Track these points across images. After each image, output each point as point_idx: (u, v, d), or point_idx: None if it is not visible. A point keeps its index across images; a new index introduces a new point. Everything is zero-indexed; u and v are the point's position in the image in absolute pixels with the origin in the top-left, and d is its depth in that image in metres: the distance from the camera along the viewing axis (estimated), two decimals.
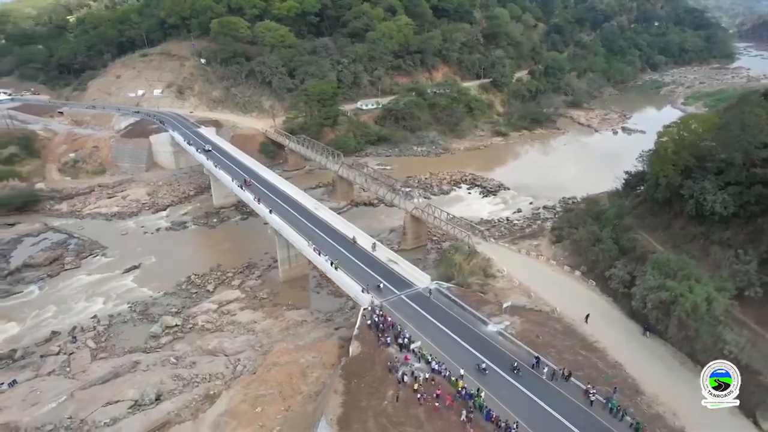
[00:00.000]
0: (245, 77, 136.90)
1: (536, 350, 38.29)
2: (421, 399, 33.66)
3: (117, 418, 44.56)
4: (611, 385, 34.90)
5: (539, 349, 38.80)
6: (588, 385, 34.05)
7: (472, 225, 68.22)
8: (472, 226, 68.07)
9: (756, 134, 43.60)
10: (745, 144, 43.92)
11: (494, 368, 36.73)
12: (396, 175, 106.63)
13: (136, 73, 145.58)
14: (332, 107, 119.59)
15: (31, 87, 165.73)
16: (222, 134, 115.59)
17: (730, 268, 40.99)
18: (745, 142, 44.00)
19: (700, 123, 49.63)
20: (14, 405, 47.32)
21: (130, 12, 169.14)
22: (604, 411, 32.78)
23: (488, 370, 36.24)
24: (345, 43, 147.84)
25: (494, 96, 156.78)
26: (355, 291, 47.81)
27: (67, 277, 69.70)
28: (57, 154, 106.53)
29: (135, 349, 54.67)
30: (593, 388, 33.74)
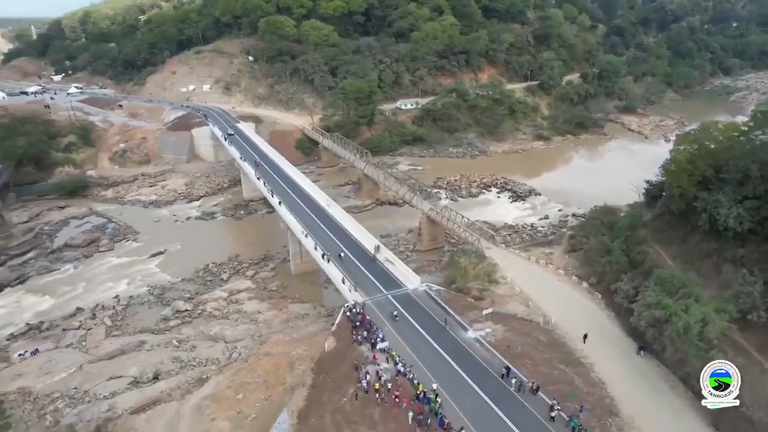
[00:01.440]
0: (289, 75, 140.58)
1: (511, 360, 37.10)
2: (378, 399, 33.61)
3: (115, 392, 47.37)
4: (578, 403, 33.31)
5: (516, 359, 37.61)
6: (553, 400, 32.67)
7: (483, 229, 66.98)
8: (484, 230, 66.84)
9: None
10: (763, 154, 40.47)
11: (461, 374, 35.98)
12: (426, 176, 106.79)
13: (189, 69, 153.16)
14: (368, 106, 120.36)
15: (99, 81, 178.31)
16: (261, 129, 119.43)
17: (734, 289, 37.98)
18: (763, 153, 40.55)
19: (721, 130, 46.10)
20: (32, 372, 51.41)
21: (190, 11, 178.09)
22: (566, 429, 31.39)
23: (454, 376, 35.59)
24: (389, 43, 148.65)
25: (540, 99, 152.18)
26: (342, 286, 48.33)
27: (99, 259, 74.68)
28: (110, 144, 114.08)
29: (145, 329, 57.78)
30: (558, 405, 32.37)
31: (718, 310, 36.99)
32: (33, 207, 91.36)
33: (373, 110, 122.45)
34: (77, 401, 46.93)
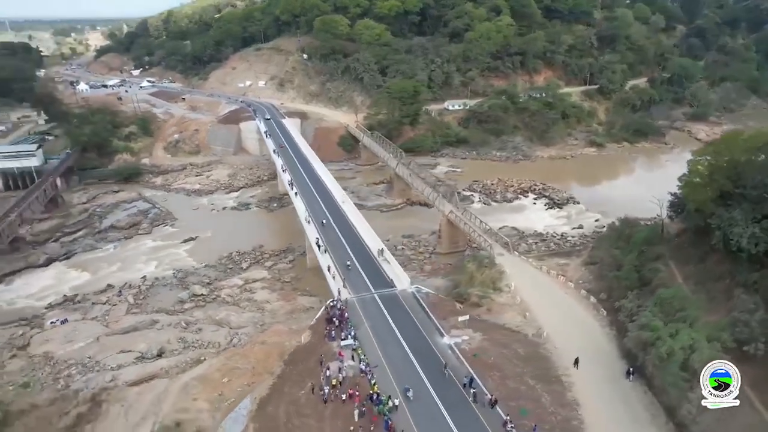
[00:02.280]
0: (341, 73, 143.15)
1: (479, 371, 36.05)
2: (332, 395, 33.88)
3: (122, 365, 50.88)
4: (533, 420, 31.77)
5: (485, 370, 36.53)
6: (507, 416, 31.44)
7: (499, 235, 65.10)
8: (499, 236, 64.92)
9: None
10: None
11: (423, 379, 35.40)
12: (464, 179, 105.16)
13: (248, 65, 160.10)
14: (412, 105, 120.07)
15: (170, 76, 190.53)
16: (306, 126, 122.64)
17: (731, 316, 34.66)
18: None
19: (745, 140, 41.91)
20: (57, 339, 56.25)
21: (255, 10, 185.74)
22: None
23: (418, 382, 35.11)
24: (442, 43, 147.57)
25: (599, 103, 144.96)
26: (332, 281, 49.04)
27: (137, 241, 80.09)
28: (166, 134, 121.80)
29: (162, 309, 61.32)
30: (512, 421, 31.10)
31: (711, 338, 33.90)
32: (92, 190, 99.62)
33: (417, 110, 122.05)
34: (88, 369, 50.84)
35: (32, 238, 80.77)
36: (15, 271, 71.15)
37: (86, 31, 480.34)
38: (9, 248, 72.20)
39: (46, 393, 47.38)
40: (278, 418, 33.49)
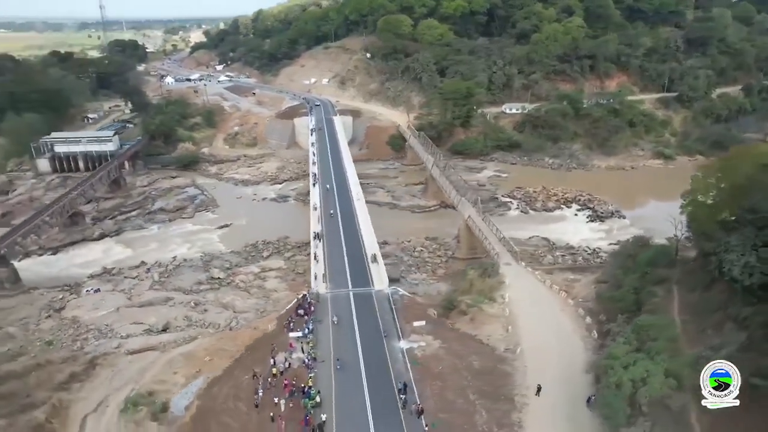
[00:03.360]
0: (401, 73, 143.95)
1: (420, 378, 35.42)
2: (268, 384, 34.96)
3: (130, 335, 55.60)
4: None
5: (427, 378, 35.85)
6: (427, 427, 30.71)
7: (510, 244, 62.70)
8: (511, 245, 62.52)
9: None
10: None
11: (362, 379, 35.41)
12: (508, 184, 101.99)
13: (315, 63, 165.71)
14: (464, 107, 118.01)
15: (247, 71, 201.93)
16: (358, 124, 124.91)
17: (695, 353, 31.22)
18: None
19: (754, 156, 37.14)
20: (86, 306, 62.48)
21: (330, 10, 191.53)
22: None
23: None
24: (507, 44, 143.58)
25: (675, 112, 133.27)
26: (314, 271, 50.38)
27: (178, 224, 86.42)
28: (228, 126, 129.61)
29: (179, 288, 65.89)
30: None
31: (671, 373, 30.77)
32: (154, 175, 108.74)
33: (469, 111, 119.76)
34: (102, 335, 56.10)
35: (96, 215, 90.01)
36: (73, 242, 79.74)
37: (193, 29, 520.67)
38: (69, 221, 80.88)
39: (63, 352, 52.87)
40: (218, 398, 35.21)
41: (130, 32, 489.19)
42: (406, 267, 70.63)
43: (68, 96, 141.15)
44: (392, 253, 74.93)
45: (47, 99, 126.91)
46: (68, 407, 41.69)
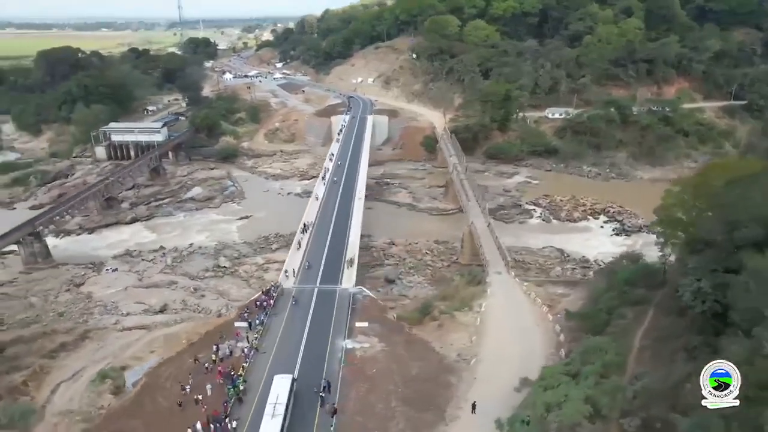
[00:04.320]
0: (445, 74, 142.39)
1: (350, 380, 35.46)
2: (206, 369, 36.45)
3: (130, 313, 59.68)
4: None
5: (358, 380, 35.80)
6: (332, 426, 30.78)
7: (505, 254, 60.65)
8: (505, 255, 60.47)
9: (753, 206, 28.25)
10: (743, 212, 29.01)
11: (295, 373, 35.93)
12: (536, 191, 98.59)
13: (364, 63, 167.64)
14: (501, 110, 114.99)
15: (303, 69, 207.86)
16: (394, 124, 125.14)
17: (611, 380, 29.06)
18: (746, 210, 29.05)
19: (723, 172, 33.64)
20: (102, 283, 67.60)
21: (386, 10, 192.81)
22: None
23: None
24: (559, 47, 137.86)
25: (742, 122, 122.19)
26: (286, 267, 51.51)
27: (204, 213, 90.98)
28: (271, 122, 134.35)
29: (186, 274, 69.49)
30: None
31: (591, 400, 28.83)
32: (194, 165, 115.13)
33: (506, 115, 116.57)
34: (107, 311, 60.56)
35: (135, 200, 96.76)
36: (108, 224, 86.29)
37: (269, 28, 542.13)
38: (105, 204, 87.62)
39: (69, 323, 57.79)
40: (160, 378, 37.15)
41: (210, 30, 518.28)
42: (407, 269, 70.39)
43: (132, 89, 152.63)
44: (397, 254, 75.05)
45: (113, 92, 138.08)
46: (48, 373, 45.60)
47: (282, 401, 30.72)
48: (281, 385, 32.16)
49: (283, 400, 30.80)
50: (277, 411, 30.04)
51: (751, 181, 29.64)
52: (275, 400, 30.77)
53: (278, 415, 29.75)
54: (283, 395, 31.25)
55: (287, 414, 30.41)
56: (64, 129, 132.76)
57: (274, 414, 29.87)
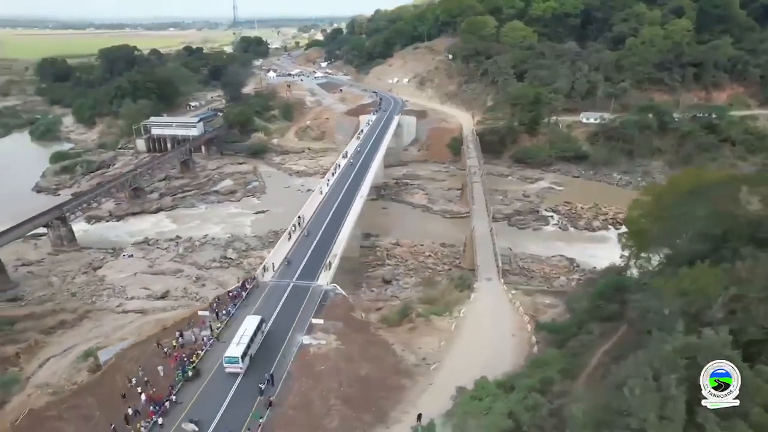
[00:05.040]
0: (480, 75, 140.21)
1: (298, 375, 35.99)
2: (164, 353, 38.06)
3: (134, 297, 63.13)
4: None
5: (306, 375, 36.23)
6: (261, 419, 31.50)
7: (498, 261, 59.27)
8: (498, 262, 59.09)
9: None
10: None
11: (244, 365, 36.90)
12: (556, 198, 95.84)
13: (402, 63, 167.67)
14: (530, 113, 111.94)
15: (345, 69, 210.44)
16: (422, 125, 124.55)
17: (533, 397, 27.90)
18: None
19: (689, 181, 31.31)
20: (116, 268, 71.68)
21: (428, 11, 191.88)
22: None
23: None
24: (598, 49, 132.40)
25: None
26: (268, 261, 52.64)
27: (224, 206, 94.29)
28: (303, 120, 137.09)
29: (194, 263, 72.38)
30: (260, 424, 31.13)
31: (513, 414, 27.88)
32: (224, 159, 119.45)
33: (535, 118, 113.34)
34: (115, 294, 64.27)
35: (165, 191, 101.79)
36: (134, 213, 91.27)
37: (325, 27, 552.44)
38: (132, 194, 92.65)
39: (77, 303, 61.77)
40: (125, 359, 39.06)
41: (268, 30, 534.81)
42: (406, 270, 70.20)
43: (178, 85, 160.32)
44: (400, 255, 74.94)
45: (159, 87, 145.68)
46: (42, 348, 49.12)
47: (248, 334, 37.61)
48: (250, 322, 39.25)
49: (249, 333, 37.67)
50: (242, 341, 36.94)
51: (698, 194, 27.55)
52: (242, 333, 37.85)
53: (242, 344, 36.64)
54: (250, 330, 38.17)
55: (251, 344, 37.24)
56: (114, 122, 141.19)
57: (239, 342, 36.84)
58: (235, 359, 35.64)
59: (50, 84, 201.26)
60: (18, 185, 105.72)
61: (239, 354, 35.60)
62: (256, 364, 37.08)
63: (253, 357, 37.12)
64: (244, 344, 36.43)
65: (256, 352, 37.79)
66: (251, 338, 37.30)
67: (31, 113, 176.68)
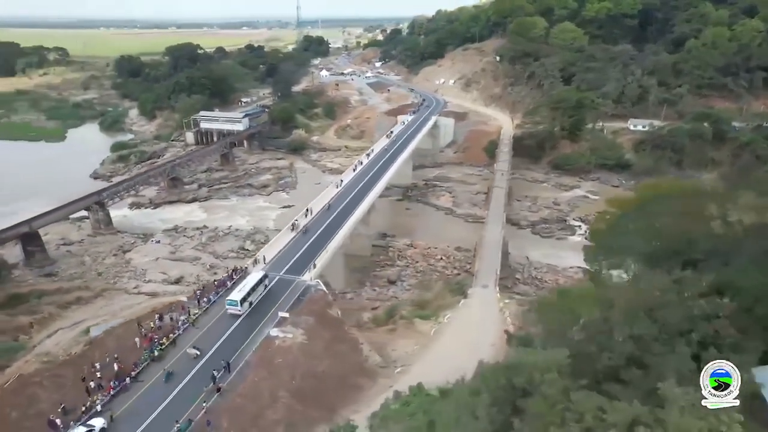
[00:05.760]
0: (526, 78, 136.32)
1: (255, 364, 36.97)
2: (141, 334, 40.31)
3: (151, 280, 66.89)
4: None
5: (261, 366, 37.14)
6: (205, 403, 32.69)
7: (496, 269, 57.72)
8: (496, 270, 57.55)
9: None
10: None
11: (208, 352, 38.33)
12: (589, 207, 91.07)
13: (451, 64, 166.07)
14: (571, 118, 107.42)
15: (398, 69, 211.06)
16: (460, 127, 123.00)
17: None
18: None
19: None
20: (142, 252, 76.22)
21: (483, 11, 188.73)
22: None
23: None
24: (656, 51, 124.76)
25: None
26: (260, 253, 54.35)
27: (254, 199, 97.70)
28: (344, 118, 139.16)
29: (213, 252, 75.59)
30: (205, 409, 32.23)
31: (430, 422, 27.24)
32: (264, 154, 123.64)
33: (577, 123, 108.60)
34: (135, 276, 68.48)
35: (204, 182, 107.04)
36: (170, 201, 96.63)
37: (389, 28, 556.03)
38: (170, 183, 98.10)
39: (100, 282, 66.46)
40: (111, 335, 41.81)
41: (335, 29, 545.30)
42: (414, 272, 69.86)
43: (234, 82, 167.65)
44: (411, 257, 74.72)
45: (213, 84, 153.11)
46: (55, 320, 53.17)
47: (250, 284, 45.01)
48: (252, 278, 46.59)
49: (251, 284, 45.01)
50: (244, 289, 44.36)
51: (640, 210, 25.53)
52: (245, 283, 45.41)
53: (243, 291, 43.98)
54: (252, 281, 45.56)
55: (252, 293, 44.52)
56: (170, 115, 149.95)
57: (241, 290, 44.24)
58: (235, 302, 42.91)
59: (125, 79, 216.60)
60: (80, 171, 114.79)
61: (239, 298, 42.89)
62: (220, 351, 38.41)
63: (251, 307, 44.07)
64: (244, 291, 43.70)
65: (256, 301, 45.05)
66: (252, 288, 44.61)
67: (105, 106, 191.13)
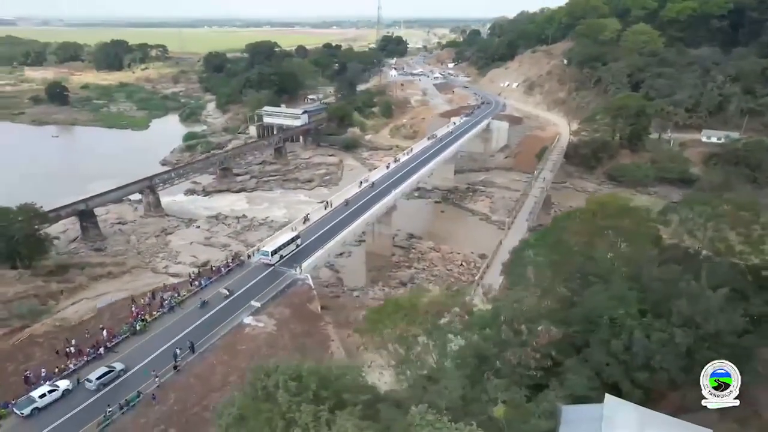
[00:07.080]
0: (593, 83, 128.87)
1: (220, 348, 38.71)
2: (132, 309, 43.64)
3: (180, 262, 71.61)
4: None
5: (225, 350, 38.83)
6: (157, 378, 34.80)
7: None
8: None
9: None
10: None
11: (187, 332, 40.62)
12: None
13: (518, 66, 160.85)
14: (632, 126, 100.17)
15: (468, 70, 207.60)
16: (514, 131, 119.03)
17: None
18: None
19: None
20: (181, 235, 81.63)
21: (559, 13, 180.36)
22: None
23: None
24: (744, 55, 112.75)
25: None
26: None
27: (296, 193, 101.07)
28: (400, 118, 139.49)
29: (243, 241, 79.25)
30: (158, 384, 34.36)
31: None
32: (317, 150, 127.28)
33: (638, 132, 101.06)
34: (168, 257, 73.72)
35: (257, 174, 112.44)
36: (219, 190, 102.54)
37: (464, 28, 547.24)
38: (221, 173, 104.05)
39: (136, 260, 72.29)
40: (113, 307, 46.01)
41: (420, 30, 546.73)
42: (428, 276, 69.13)
43: (303, 79, 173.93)
44: (431, 260, 74.00)
45: (281, 80, 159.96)
46: (83, 290, 58.70)
47: (282, 240, 54.78)
48: (286, 234, 58.19)
49: (282, 240, 54.69)
50: (276, 242, 54.12)
51: None
52: (277, 239, 55.61)
53: (274, 244, 53.27)
54: (284, 238, 55.40)
55: (283, 247, 53.40)
56: (240, 109, 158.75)
57: (274, 243, 53.79)
58: (266, 253, 51.41)
59: (209, 74, 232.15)
60: (152, 158, 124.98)
61: (270, 250, 51.41)
62: (194, 332, 40.63)
63: (281, 259, 51.97)
64: (276, 245, 52.42)
65: (287, 255, 53.24)
66: (284, 244, 53.48)
67: (188, 98, 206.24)
